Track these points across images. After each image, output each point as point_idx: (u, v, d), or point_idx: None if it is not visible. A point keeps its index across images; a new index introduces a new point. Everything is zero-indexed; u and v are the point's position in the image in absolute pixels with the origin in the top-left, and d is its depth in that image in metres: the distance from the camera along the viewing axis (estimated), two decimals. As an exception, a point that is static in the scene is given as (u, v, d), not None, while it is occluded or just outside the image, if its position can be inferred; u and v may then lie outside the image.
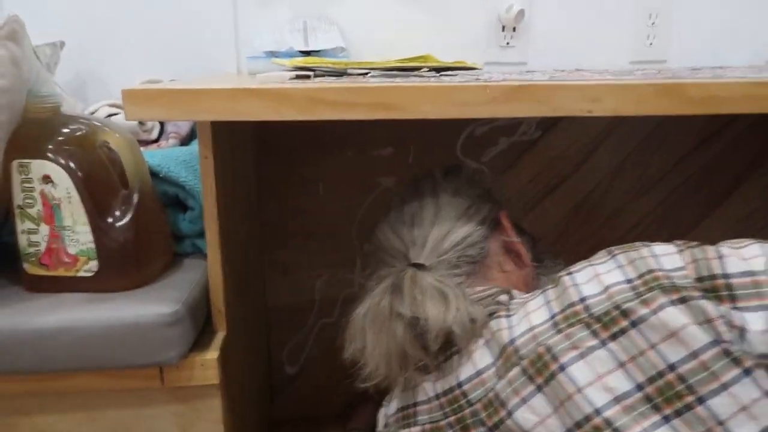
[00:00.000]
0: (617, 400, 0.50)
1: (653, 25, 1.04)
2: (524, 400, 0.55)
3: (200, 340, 0.65)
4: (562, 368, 0.52)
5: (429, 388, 0.62)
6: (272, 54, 0.94)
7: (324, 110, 0.56)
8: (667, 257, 0.52)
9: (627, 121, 1.06)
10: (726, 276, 0.49)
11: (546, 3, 1.02)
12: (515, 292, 0.63)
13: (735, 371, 0.47)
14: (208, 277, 0.66)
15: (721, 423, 0.48)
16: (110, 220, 0.63)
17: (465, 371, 0.59)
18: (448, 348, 0.60)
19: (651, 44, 1.05)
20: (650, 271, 0.52)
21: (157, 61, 0.99)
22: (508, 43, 1.03)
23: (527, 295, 0.61)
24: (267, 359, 1.11)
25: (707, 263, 0.50)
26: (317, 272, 1.08)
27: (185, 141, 0.89)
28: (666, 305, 0.49)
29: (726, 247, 0.52)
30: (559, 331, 0.54)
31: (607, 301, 0.52)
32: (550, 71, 0.92)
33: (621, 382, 0.50)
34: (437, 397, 0.61)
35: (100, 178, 0.63)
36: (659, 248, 0.54)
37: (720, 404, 0.48)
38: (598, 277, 0.54)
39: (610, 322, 0.51)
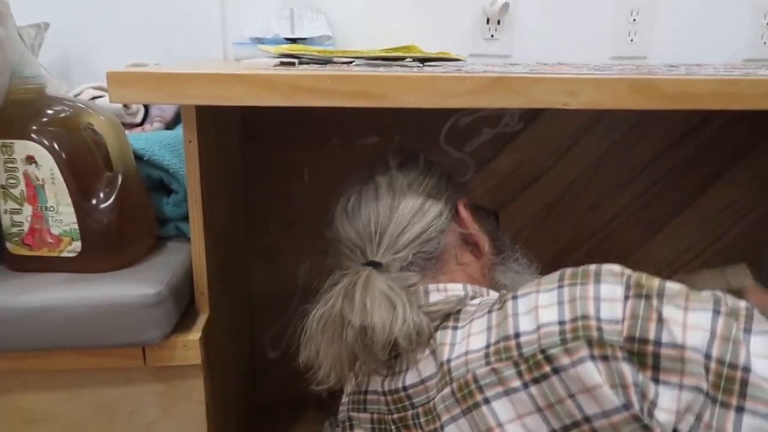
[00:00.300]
0: None
1: (635, 22, 1.06)
2: (453, 419, 0.56)
3: (183, 321, 0.66)
4: (486, 401, 0.53)
5: (378, 382, 0.63)
6: (258, 41, 0.94)
7: (306, 97, 0.57)
8: (609, 304, 0.50)
9: (608, 115, 1.08)
10: (657, 344, 0.48)
11: (531, -3, 1.04)
12: (471, 290, 0.63)
13: None
14: (191, 260, 0.66)
15: None
16: (94, 201, 0.63)
17: (410, 377, 0.60)
18: (396, 349, 0.60)
19: (632, 41, 1.07)
20: (584, 317, 0.50)
21: (144, 45, 0.99)
22: (492, 36, 1.04)
23: (477, 301, 0.61)
24: (250, 343, 1.12)
25: (645, 324, 0.48)
26: (301, 258, 1.09)
27: (170, 125, 0.89)
28: (586, 359, 0.49)
29: (674, 307, 0.49)
30: (488, 363, 0.54)
31: (536, 342, 0.52)
32: (533, 64, 0.94)
33: (538, 425, 0.51)
34: (384, 394, 0.62)
35: (84, 160, 0.63)
36: (606, 289, 0.51)
37: None
38: (537, 311, 0.53)
39: (535, 366, 0.51)
